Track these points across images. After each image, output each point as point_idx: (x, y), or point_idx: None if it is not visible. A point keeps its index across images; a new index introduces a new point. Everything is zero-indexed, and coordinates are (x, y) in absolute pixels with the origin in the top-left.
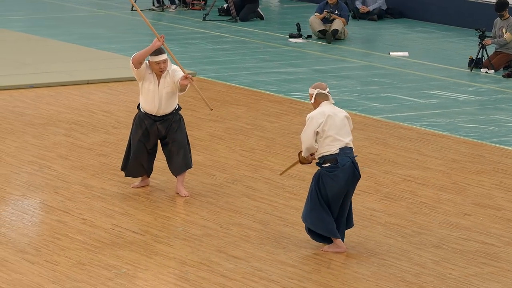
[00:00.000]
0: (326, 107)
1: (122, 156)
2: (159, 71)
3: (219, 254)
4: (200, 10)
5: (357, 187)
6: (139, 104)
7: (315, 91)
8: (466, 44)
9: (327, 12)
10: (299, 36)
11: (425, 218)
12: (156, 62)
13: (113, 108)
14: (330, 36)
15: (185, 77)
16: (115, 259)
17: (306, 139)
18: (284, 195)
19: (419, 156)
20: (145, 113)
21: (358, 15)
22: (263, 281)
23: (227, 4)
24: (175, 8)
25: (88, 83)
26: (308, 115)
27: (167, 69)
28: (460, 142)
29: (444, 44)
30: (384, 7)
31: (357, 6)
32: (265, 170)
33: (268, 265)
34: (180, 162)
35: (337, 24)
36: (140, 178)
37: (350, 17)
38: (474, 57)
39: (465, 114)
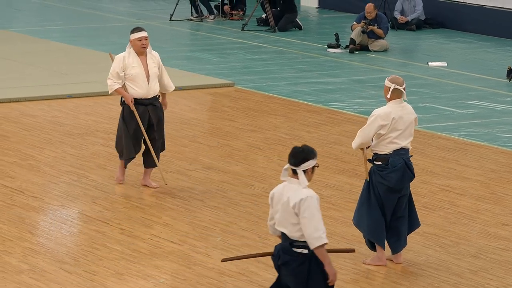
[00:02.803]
0: (394, 108)
1: (159, 168)
2: (141, 47)
3: (257, 264)
4: (238, 20)
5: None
6: (122, 100)
7: (392, 86)
8: (505, 54)
9: (364, 23)
10: (338, 46)
11: (463, 228)
12: (137, 38)
13: None
14: (352, 49)
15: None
16: (153, 269)
17: (364, 136)
18: (322, 205)
19: (457, 166)
20: (136, 100)
21: (397, 25)
22: None
23: (265, 14)
24: (214, 18)
25: None
26: (373, 112)
27: (149, 50)
28: (498, 152)
29: (482, 54)
30: (423, 17)
31: (396, 16)
32: None
33: None
34: (158, 155)
35: (375, 45)
36: (123, 172)
37: (389, 27)
38: None
39: (503, 124)
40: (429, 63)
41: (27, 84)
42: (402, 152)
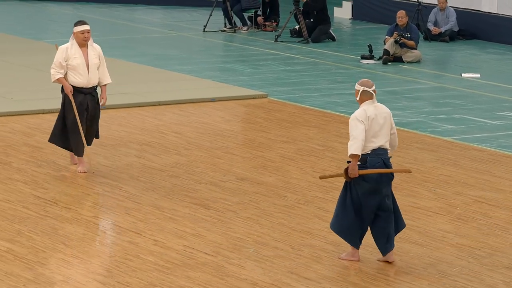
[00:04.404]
0: (368, 108)
1: (191, 176)
2: (83, 40)
3: (290, 276)
4: (272, 31)
5: (428, 208)
6: (62, 88)
7: (361, 89)
8: None
9: (397, 34)
10: (371, 57)
11: (497, 239)
12: (80, 31)
13: (185, 129)
14: (386, 60)
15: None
16: (186, 280)
17: (358, 138)
18: None
19: (491, 178)
20: (75, 89)
21: (430, 37)
22: None
23: (299, 26)
24: (247, 29)
25: (159, 104)
26: (352, 116)
27: (90, 42)
28: None
29: None
30: (456, 28)
31: (429, 27)
32: (336, 192)
33: (339, 287)
34: (91, 141)
35: (408, 56)
36: (83, 163)
37: (422, 38)
38: None
39: None
40: (463, 75)
41: (61, 95)
42: (380, 152)
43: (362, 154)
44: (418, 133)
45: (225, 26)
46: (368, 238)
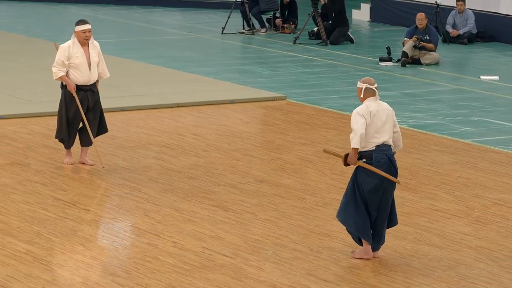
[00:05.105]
0: (371, 104)
1: (210, 178)
2: (84, 39)
3: (309, 278)
4: (290, 33)
5: (447, 211)
6: (63, 84)
7: (364, 86)
8: None
9: (417, 38)
10: (390, 59)
11: None
12: (82, 30)
13: (203, 131)
14: (404, 62)
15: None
16: (205, 282)
17: (358, 128)
18: None
19: (509, 180)
20: (77, 86)
21: (449, 39)
22: None
23: (317, 28)
24: (265, 31)
25: (178, 106)
26: (354, 111)
27: (91, 41)
28: None
29: None
30: (475, 30)
31: (448, 29)
32: None
33: None
34: (93, 137)
35: (427, 58)
36: (71, 154)
37: (441, 40)
38: None
39: None
40: (481, 77)
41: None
42: (385, 148)
43: (367, 151)
44: (436, 135)
45: (243, 28)
46: (387, 239)
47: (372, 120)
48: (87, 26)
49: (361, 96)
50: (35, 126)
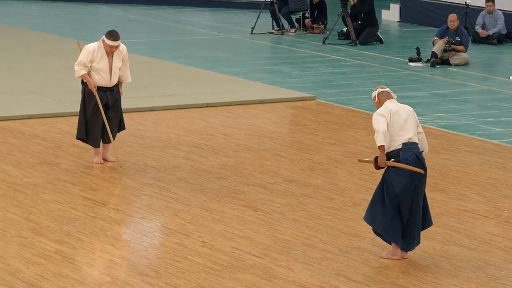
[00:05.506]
0: (390, 104)
1: (239, 178)
2: (110, 51)
3: (338, 278)
4: (319, 33)
5: (476, 211)
6: (83, 81)
7: (378, 91)
8: None
9: (448, 41)
10: (419, 60)
11: None
12: (110, 45)
13: (233, 131)
14: (434, 63)
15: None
16: (234, 282)
17: (380, 126)
18: None
19: None
20: (97, 86)
21: (478, 39)
22: None
23: (346, 28)
24: (295, 31)
25: (208, 106)
26: (374, 113)
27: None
28: None
29: None
30: (504, 31)
31: (477, 30)
32: None
33: None
34: (115, 133)
35: (456, 59)
36: (99, 154)
37: (470, 41)
38: None
39: None
40: (510, 77)
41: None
42: (412, 146)
43: (394, 150)
44: (466, 136)
45: (273, 28)
46: (428, 242)
47: (393, 118)
48: (116, 43)
49: (378, 101)
50: (64, 126)
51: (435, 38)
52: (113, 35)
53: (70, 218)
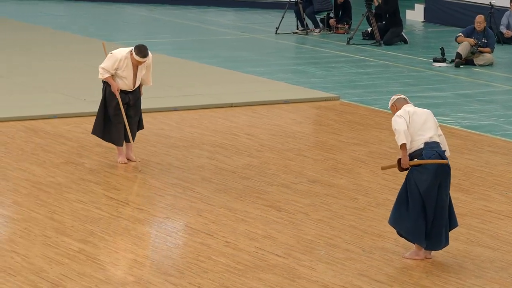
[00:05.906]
0: (407, 107)
1: (263, 178)
2: (136, 65)
3: (361, 278)
4: (344, 33)
5: (500, 212)
6: (104, 81)
7: (394, 99)
8: None
9: (475, 43)
10: (443, 60)
11: None
12: (137, 60)
13: (257, 131)
14: (458, 63)
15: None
16: (258, 282)
17: (399, 126)
18: None
19: None
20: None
21: (503, 40)
22: None
23: (371, 28)
24: (319, 31)
25: (232, 106)
26: (393, 117)
27: None
28: None
29: None
30: None
31: (502, 30)
32: None
33: None
34: (135, 132)
35: (480, 59)
36: (123, 154)
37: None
38: None
39: None
40: None
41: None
42: (434, 145)
43: (416, 150)
44: (490, 136)
45: (297, 28)
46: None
47: (412, 119)
48: (143, 59)
49: (396, 108)
50: (89, 125)
51: (460, 34)
52: (142, 51)
53: (94, 218)
